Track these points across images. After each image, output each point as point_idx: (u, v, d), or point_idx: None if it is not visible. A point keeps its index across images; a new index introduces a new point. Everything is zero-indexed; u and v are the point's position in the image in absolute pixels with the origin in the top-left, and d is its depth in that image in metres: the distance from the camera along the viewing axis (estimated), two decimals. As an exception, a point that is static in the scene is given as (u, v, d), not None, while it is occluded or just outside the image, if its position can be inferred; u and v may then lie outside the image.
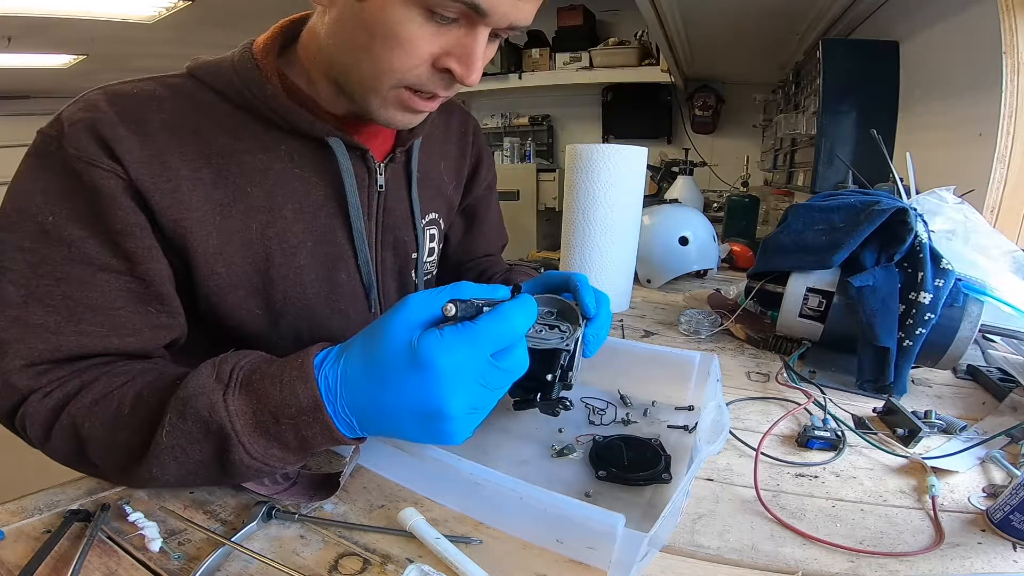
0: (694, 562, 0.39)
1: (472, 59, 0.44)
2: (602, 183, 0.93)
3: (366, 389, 0.36)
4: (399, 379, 0.35)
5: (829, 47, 1.54)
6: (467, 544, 0.39)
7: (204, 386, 0.38)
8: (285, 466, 0.40)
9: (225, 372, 0.39)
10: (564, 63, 3.10)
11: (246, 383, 0.38)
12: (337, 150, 0.53)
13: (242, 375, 0.39)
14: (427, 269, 0.72)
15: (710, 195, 2.53)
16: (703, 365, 0.59)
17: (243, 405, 0.37)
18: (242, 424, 0.37)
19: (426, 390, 0.35)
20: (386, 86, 0.47)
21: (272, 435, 0.37)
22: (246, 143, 0.51)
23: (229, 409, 0.37)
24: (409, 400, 0.35)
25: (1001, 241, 0.75)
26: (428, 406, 0.35)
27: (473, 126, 0.77)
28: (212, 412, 0.37)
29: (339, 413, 0.37)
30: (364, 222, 0.59)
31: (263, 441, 0.37)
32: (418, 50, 0.44)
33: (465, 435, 0.38)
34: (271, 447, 0.38)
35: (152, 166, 0.45)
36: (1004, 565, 0.39)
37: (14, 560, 0.35)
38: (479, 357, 0.36)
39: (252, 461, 0.37)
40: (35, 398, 0.42)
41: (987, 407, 0.65)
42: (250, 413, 0.37)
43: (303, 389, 0.36)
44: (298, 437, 0.37)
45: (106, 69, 3.18)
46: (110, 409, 0.41)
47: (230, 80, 0.50)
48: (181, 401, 0.37)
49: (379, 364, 0.36)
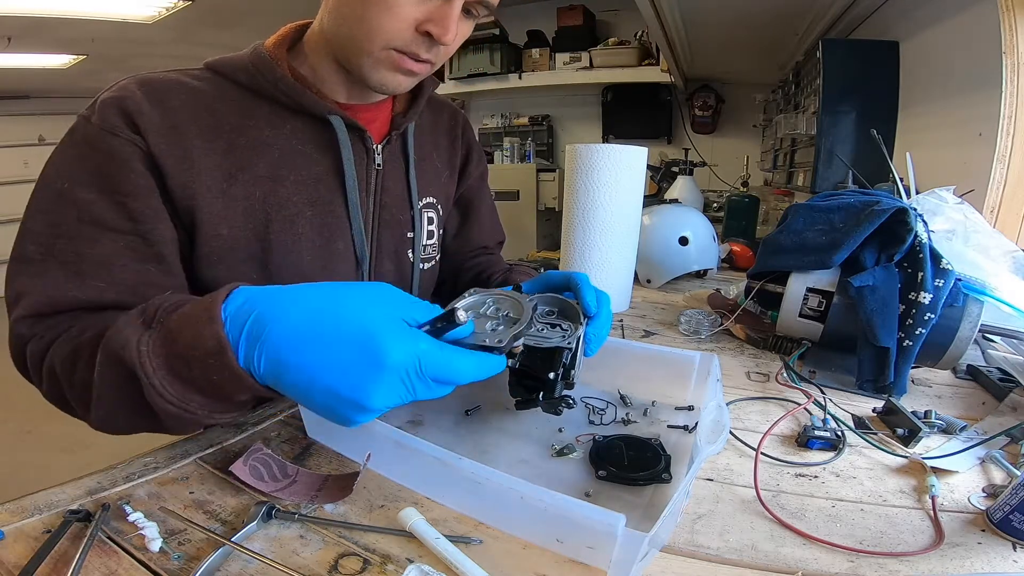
0: (694, 562, 0.39)
1: (447, 22, 0.51)
2: (602, 183, 0.93)
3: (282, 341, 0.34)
4: (340, 349, 0.34)
5: (829, 47, 1.54)
6: (467, 544, 0.39)
7: (127, 325, 0.38)
8: (213, 414, 0.39)
9: (150, 312, 0.38)
10: (564, 63, 3.10)
11: (163, 324, 0.38)
12: (338, 127, 0.59)
13: (163, 316, 0.38)
14: (428, 253, 0.75)
15: (710, 195, 2.53)
16: (703, 365, 0.59)
17: (156, 346, 0.37)
18: (154, 365, 0.36)
19: (361, 375, 0.34)
20: (376, 47, 0.53)
21: (185, 379, 0.37)
22: (255, 121, 0.57)
23: (140, 349, 0.36)
24: (336, 376, 0.34)
25: (1001, 241, 0.75)
26: (354, 391, 0.34)
27: (462, 120, 0.81)
28: (126, 350, 0.36)
29: (248, 359, 0.35)
30: (361, 197, 0.63)
31: (179, 384, 0.37)
32: (404, 14, 0.51)
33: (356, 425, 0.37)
34: (187, 391, 0.37)
35: (169, 136, 0.51)
36: (1004, 565, 0.39)
37: (14, 560, 0.35)
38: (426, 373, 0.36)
39: (169, 406, 0.37)
40: (32, 343, 0.47)
41: (987, 407, 0.65)
42: (163, 355, 0.36)
43: (208, 330, 0.35)
44: (209, 380, 0.36)
45: (106, 69, 3.18)
46: (75, 350, 0.44)
47: (244, 68, 0.57)
48: (107, 339, 0.38)
49: (328, 324, 0.34)
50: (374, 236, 0.67)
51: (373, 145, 0.63)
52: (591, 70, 3.04)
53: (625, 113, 3.30)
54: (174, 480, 0.46)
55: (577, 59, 3.06)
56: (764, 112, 2.71)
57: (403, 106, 0.69)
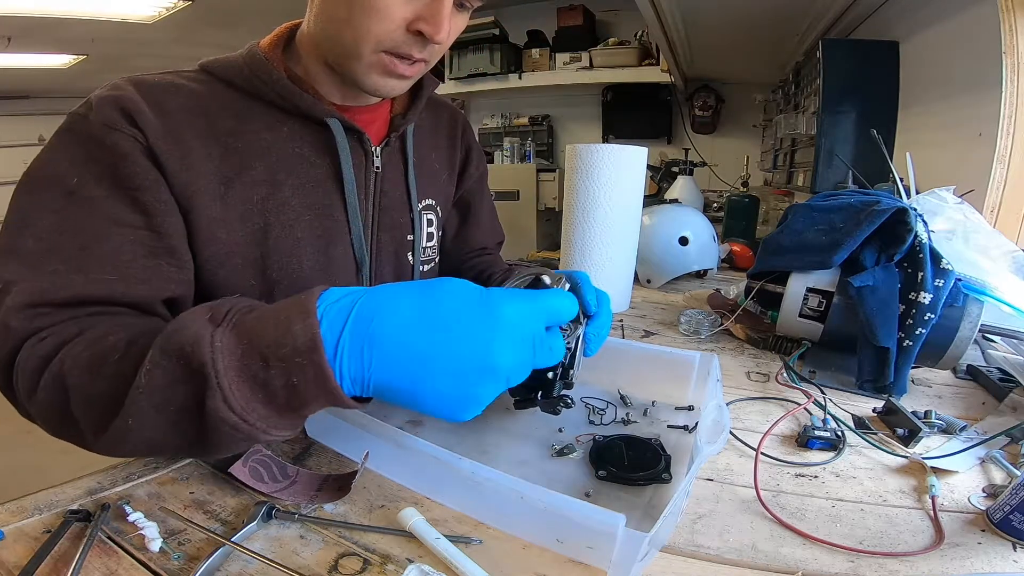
0: (694, 562, 0.39)
1: (439, 19, 0.49)
2: (602, 183, 0.93)
3: (397, 329, 0.33)
4: (454, 320, 0.34)
5: (829, 47, 1.54)
6: (467, 544, 0.39)
7: (194, 321, 0.35)
8: (268, 430, 0.35)
9: (221, 311, 0.36)
10: (564, 63, 3.09)
11: (239, 323, 0.35)
12: (335, 130, 0.58)
13: (237, 316, 0.36)
14: (428, 255, 0.74)
15: (710, 195, 2.53)
16: (703, 365, 0.59)
17: (231, 343, 0.34)
18: (225, 364, 0.33)
19: (484, 333, 0.34)
20: (367, 51, 0.51)
21: (258, 382, 0.33)
22: (252, 124, 0.55)
23: (215, 345, 0.33)
24: (457, 344, 0.34)
25: (1001, 241, 0.75)
26: (479, 352, 0.34)
27: (462, 120, 0.81)
28: (196, 346, 0.33)
29: (341, 357, 0.33)
30: (360, 200, 0.62)
31: (246, 389, 0.33)
32: (392, 13, 0.49)
33: (478, 409, 0.36)
34: (254, 399, 0.34)
35: (167, 139, 0.49)
36: (1004, 565, 0.39)
37: (14, 560, 0.35)
38: (537, 320, 0.37)
39: (230, 414, 0.33)
40: (30, 342, 0.40)
41: (987, 407, 0.65)
42: (238, 354, 0.33)
43: (301, 326, 0.33)
44: (287, 386, 0.33)
45: (106, 69, 3.18)
46: (99, 354, 0.38)
47: (239, 70, 0.55)
48: (166, 335, 0.35)
49: (433, 308, 0.34)
50: (374, 239, 0.66)
51: (372, 147, 0.62)
52: (591, 70, 3.03)
53: (625, 113, 3.30)
54: (174, 480, 0.46)
55: (577, 59, 3.06)
56: (764, 112, 2.71)
57: (402, 107, 0.68)
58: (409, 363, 0.34)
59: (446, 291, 0.36)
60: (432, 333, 0.34)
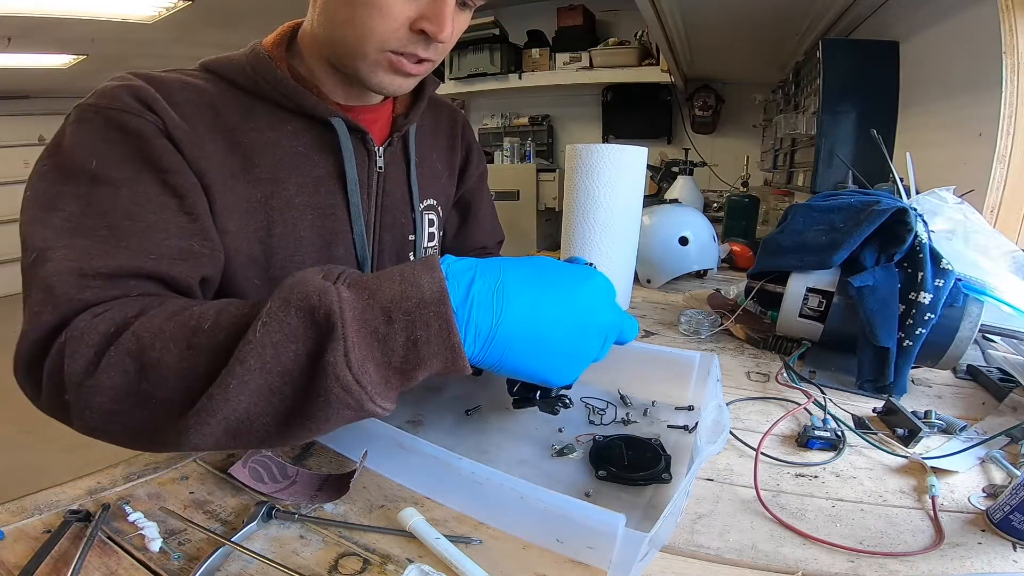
0: (694, 562, 0.39)
1: (442, 18, 0.49)
2: (602, 183, 0.93)
3: (522, 284, 0.37)
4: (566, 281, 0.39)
5: (829, 47, 1.54)
6: (467, 544, 0.39)
7: (313, 277, 0.35)
8: (373, 398, 0.34)
9: (333, 273, 0.36)
10: (564, 63, 3.09)
11: (357, 282, 0.35)
12: (339, 129, 0.58)
13: (350, 277, 0.36)
14: (429, 255, 0.73)
15: (710, 195, 2.53)
16: (703, 365, 0.59)
17: (353, 298, 0.34)
18: (350, 316, 0.33)
19: (592, 293, 0.40)
20: (372, 50, 0.51)
21: (378, 337, 0.33)
22: (255, 123, 0.55)
23: (341, 295, 0.33)
24: (572, 299, 0.39)
25: (1001, 241, 0.75)
26: (590, 308, 0.40)
27: (462, 120, 0.81)
28: (323, 296, 0.33)
29: (471, 307, 0.35)
30: (363, 200, 0.63)
31: (364, 346, 0.33)
32: (395, 13, 0.49)
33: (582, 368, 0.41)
34: (370, 357, 0.33)
35: (182, 126, 0.49)
36: (1004, 565, 0.39)
37: (14, 560, 0.35)
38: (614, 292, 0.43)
39: (346, 372, 0.32)
40: (84, 317, 0.37)
41: (987, 407, 0.65)
42: (360, 308, 0.33)
43: (428, 279, 0.34)
44: (408, 341, 0.33)
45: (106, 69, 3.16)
46: (187, 326, 0.36)
47: (242, 69, 0.55)
48: (287, 288, 0.34)
49: (545, 270, 0.39)
50: (376, 239, 0.66)
51: (375, 147, 0.63)
52: (591, 70, 3.03)
53: (625, 113, 3.30)
54: (174, 480, 0.46)
55: (577, 59, 3.06)
56: (764, 112, 2.71)
57: (404, 107, 0.68)
58: (534, 310, 0.37)
59: (548, 261, 0.41)
60: (549, 288, 0.39)
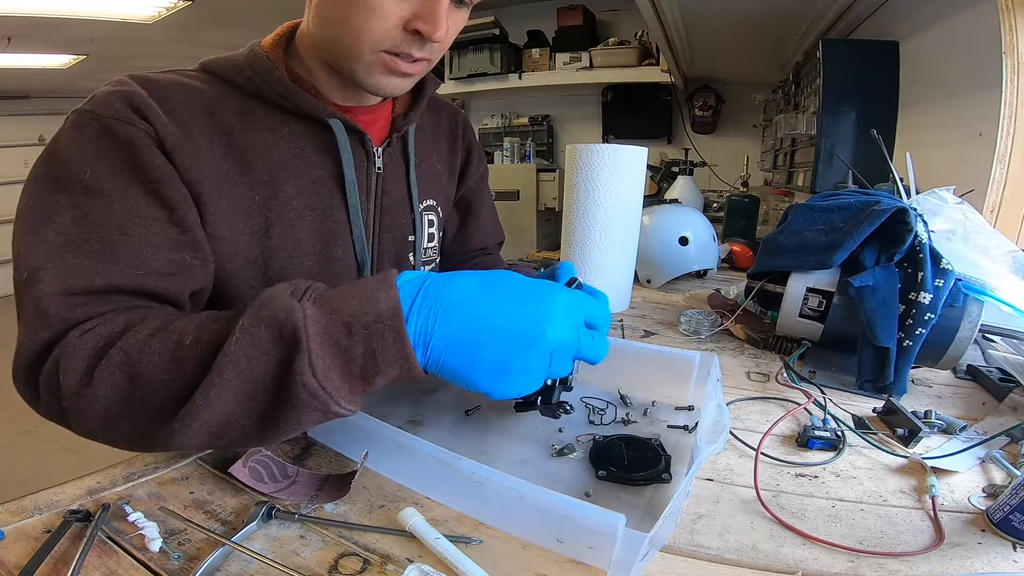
0: (694, 562, 0.39)
1: (436, 18, 0.49)
2: (602, 183, 0.93)
3: (461, 294, 0.39)
4: (512, 293, 0.41)
5: (829, 47, 1.54)
6: (467, 544, 0.39)
7: (281, 294, 0.39)
8: (338, 401, 0.38)
9: (300, 288, 0.40)
10: (564, 63, 3.09)
11: (321, 298, 0.39)
12: (337, 131, 0.58)
13: (315, 292, 0.40)
14: (429, 256, 0.74)
15: (710, 195, 2.53)
16: (703, 365, 0.59)
17: (316, 314, 0.37)
18: (314, 331, 0.36)
19: (538, 306, 0.40)
20: (367, 51, 0.51)
21: (340, 349, 0.37)
22: (253, 124, 0.55)
23: (306, 313, 0.37)
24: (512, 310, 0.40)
25: (1001, 241, 0.75)
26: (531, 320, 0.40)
27: (462, 121, 0.80)
28: (289, 314, 0.36)
29: (413, 317, 0.39)
30: (362, 201, 0.63)
31: (328, 357, 0.37)
32: (388, 13, 0.49)
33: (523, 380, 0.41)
34: (333, 366, 0.37)
35: (175, 133, 0.49)
36: (1004, 565, 0.39)
37: (14, 560, 0.35)
38: (580, 312, 0.43)
39: (312, 379, 0.36)
40: (74, 334, 0.40)
41: (987, 407, 0.65)
42: (323, 323, 0.37)
43: (384, 295, 0.38)
44: (367, 352, 0.37)
45: (106, 69, 3.18)
46: (170, 341, 0.39)
47: (241, 69, 0.55)
48: (257, 306, 0.38)
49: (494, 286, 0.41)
50: (375, 240, 0.66)
51: (373, 148, 0.63)
52: (591, 70, 3.04)
53: (625, 113, 3.30)
54: (174, 480, 0.46)
55: (577, 59, 3.06)
56: (764, 112, 2.71)
57: (403, 108, 0.68)
58: (468, 322, 0.39)
59: (506, 275, 0.43)
60: (491, 301, 0.40)
